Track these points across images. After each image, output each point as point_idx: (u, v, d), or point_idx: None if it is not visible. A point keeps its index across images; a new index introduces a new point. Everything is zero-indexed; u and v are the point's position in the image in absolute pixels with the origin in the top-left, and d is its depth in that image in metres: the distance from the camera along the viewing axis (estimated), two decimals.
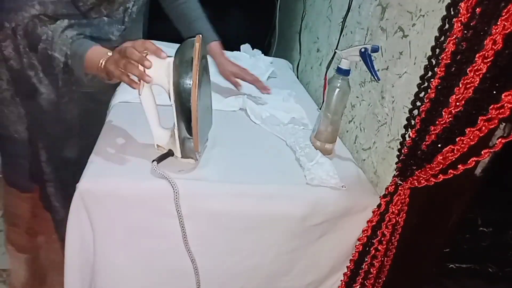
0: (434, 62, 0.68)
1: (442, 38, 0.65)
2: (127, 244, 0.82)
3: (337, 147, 1.09)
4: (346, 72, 0.95)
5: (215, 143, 0.95)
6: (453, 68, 0.62)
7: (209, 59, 0.96)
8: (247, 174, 0.87)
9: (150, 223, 0.80)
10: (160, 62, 0.75)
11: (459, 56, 0.61)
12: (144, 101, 0.79)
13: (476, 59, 0.58)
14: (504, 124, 0.67)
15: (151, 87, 0.78)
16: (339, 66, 0.95)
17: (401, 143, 0.79)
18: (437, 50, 0.67)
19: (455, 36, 0.61)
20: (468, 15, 0.59)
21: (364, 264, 0.86)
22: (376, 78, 0.94)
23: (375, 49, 0.93)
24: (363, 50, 0.93)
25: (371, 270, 0.85)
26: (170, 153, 0.84)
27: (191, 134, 0.77)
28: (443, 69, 0.64)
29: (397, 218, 0.79)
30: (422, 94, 0.71)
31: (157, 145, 0.86)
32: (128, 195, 0.77)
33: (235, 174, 0.86)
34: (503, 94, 0.55)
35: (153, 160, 0.79)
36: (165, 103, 0.79)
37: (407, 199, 0.77)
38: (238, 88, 1.24)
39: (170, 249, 0.83)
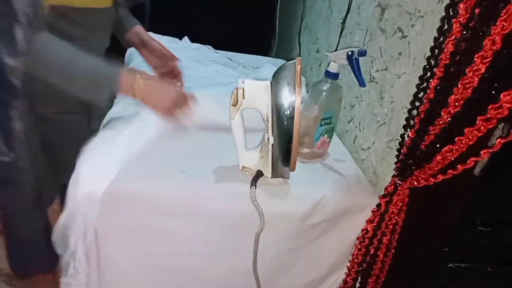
0: (433, 62, 0.68)
1: (441, 39, 0.66)
2: (127, 244, 0.82)
3: (337, 147, 1.10)
4: (335, 76, 0.92)
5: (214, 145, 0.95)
6: (452, 69, 0.63)
7: None
8: (246, 174, 0.87)
9: (150, 223, 0.80)
10: (256, 85, 0.76)
11: (458, 57, 0.62)
12: (235, 125, 0.81)
13: (475, 59, 0.58)
14: (502, 124, 0.66)
15: (242, 112, 0.79)
16: (328, 69, 0.91)
17: (400, 143, 0.79)
18: (436, 51, 0.67)
19: (454, 36, 0.61)
20: (467, 15, 0.59)
21: (364, 263, 0.86)
22: (361, 83, 0.89)
23: (362, 53, 0.88)
24: (350, 53, 0.87)
25: (372, 268, 0.85)
26: (260, 174, 0.83)
27: (287, 155, 0.77)
28: (442, 69, 0.64)
29: (396, 218, 0.79)
30: (421, 95, 0.72)
31: (243, 166, 0.86)
32: (128, 195, 0.78)
33: (235, 174, 0.86)
34: (501, 94, 0.56)
35: (252, 185, 0.79)
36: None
37: (407, 199, 0.78)
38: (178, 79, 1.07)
39: (170, 249, 0.84)
